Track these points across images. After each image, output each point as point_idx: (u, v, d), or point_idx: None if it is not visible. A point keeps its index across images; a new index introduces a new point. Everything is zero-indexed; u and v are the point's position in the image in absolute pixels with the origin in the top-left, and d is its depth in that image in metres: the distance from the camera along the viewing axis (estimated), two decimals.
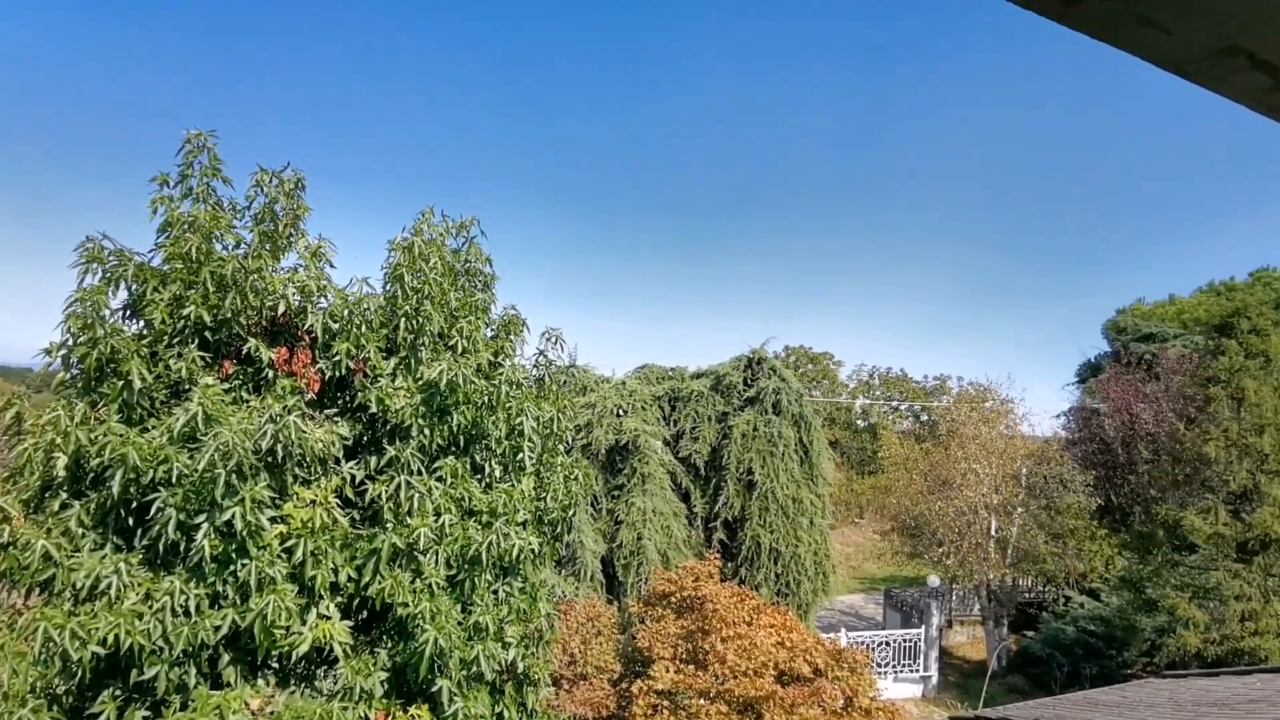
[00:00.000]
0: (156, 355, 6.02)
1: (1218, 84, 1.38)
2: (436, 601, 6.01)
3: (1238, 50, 1.26)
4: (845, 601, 27.27)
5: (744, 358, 17.49)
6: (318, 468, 6.12)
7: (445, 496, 6.40)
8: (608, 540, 15.22)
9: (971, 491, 20.21)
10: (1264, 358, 16.26)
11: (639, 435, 15.52)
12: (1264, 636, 14.44)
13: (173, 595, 5.05)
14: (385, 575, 5.91)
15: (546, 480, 7.58)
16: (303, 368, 6.31)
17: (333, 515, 5.81)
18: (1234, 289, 36.53)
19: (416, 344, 6.86)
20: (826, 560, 16.77)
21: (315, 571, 5.62)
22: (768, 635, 9.25)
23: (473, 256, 7.84)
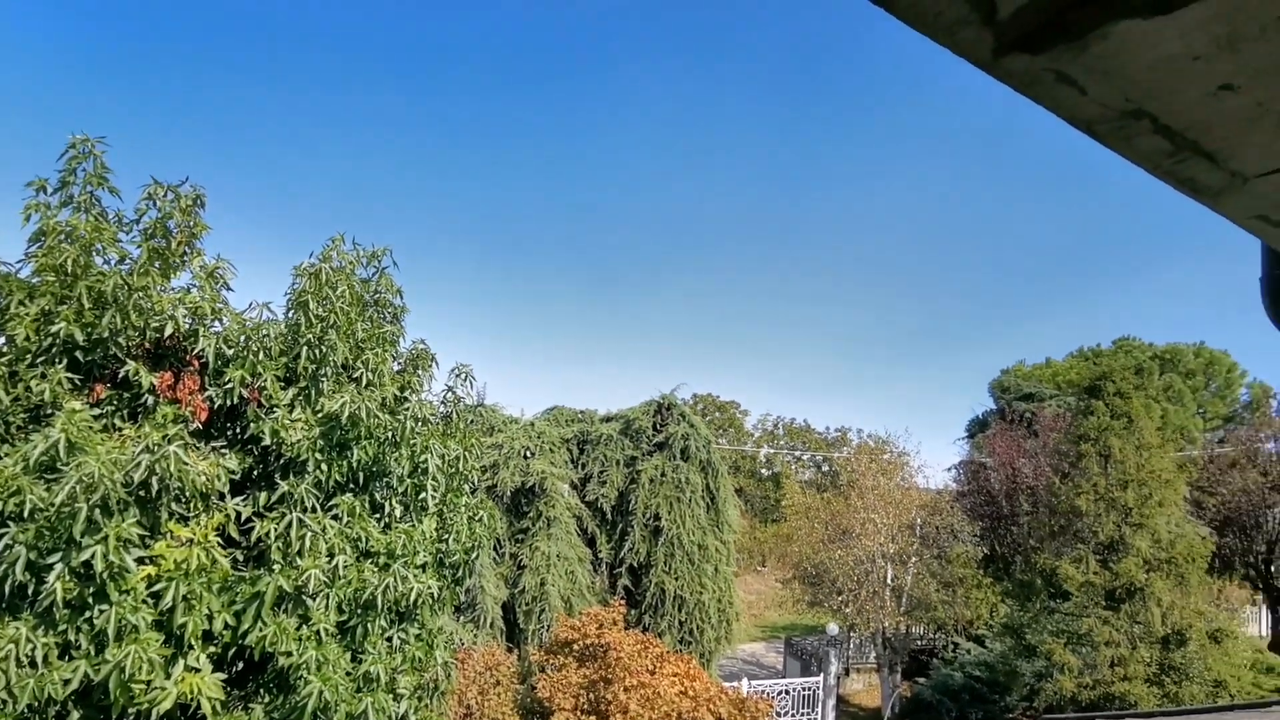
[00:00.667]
0: (16, 375, 5.46)
1: (1123, 146, 1.46)
2: (324, 650, 5.61)
3: (1142, 114, 1.33)
4: (747, 650, 27.31)
5: (654, 403, 17.56)
6: (199, 503, 5.65)
7: (340, 536, 6.03)
8: (510, 586, 14.74)
9: (870, 540, 20.79)
10: (1127, 418, 17.64)
11: (546, 478, 15.23)
12: (1133, 682, 15.33)
13: (17, 644, 4.48)
14: (268, 621, 5.46)
15: (449, 521, 7.28)
16: (189, 394, 5.86)
17: (212, 555, 5.36)
18: (1100, 355, 39.85)
19: (318, 374, 6.52)
20: (730, 608, 16.78)
21: (186, 618, 5.14)
22: (671, 684, 9.10)
23: (383, 287, 7.59)
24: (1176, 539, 16.66)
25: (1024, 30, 1.09)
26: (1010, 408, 32.26)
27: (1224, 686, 15.15)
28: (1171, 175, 1.56)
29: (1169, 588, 16.06)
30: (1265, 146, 1.42)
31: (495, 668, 10.92)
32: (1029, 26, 1.08)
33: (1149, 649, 15.67)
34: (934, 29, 1.08)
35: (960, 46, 1.11)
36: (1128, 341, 41.45)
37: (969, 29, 1.07)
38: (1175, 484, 17.62)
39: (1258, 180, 1.56)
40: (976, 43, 1.10)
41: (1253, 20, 1.07)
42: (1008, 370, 40.39)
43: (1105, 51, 1.13)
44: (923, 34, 1.08)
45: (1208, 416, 36.71)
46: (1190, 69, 1.17)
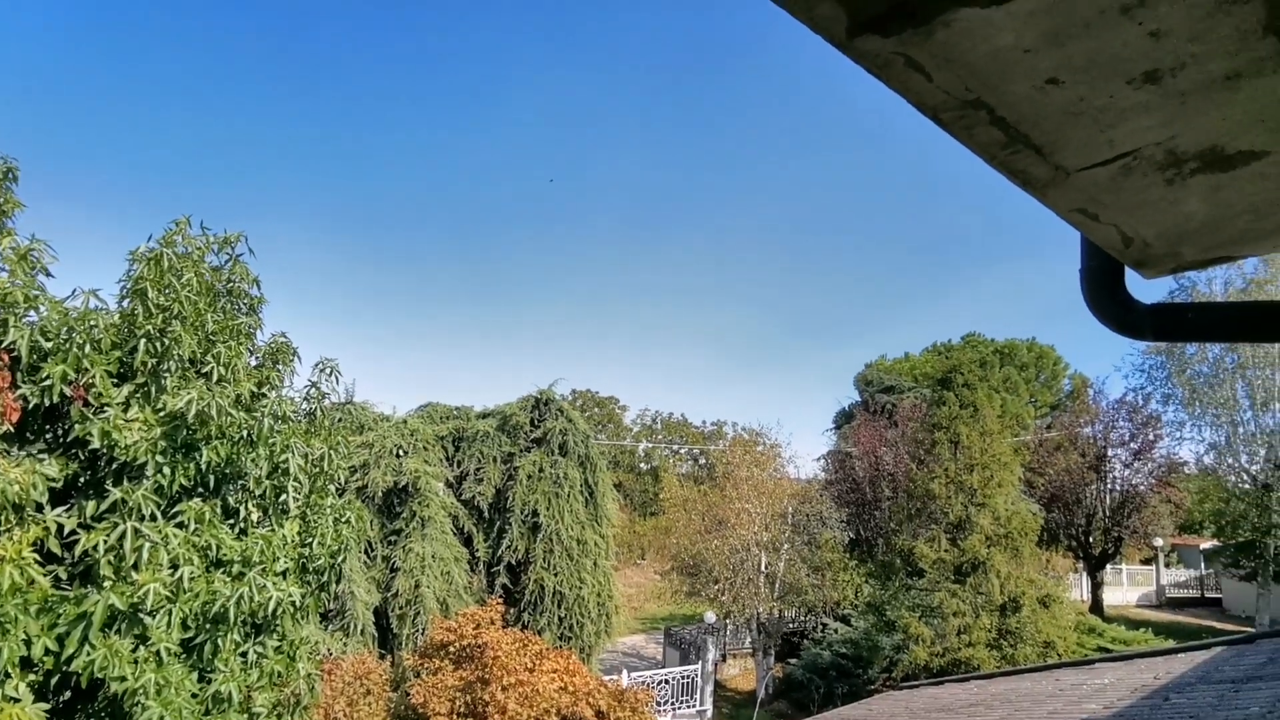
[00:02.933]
0: None
1: (964, 135, 1.54)
2: (165, 671, 5.13)
3: (981, 104, 1.40)
4: (627, 642, 27.59)
5: (531, 398, 17.35)
6: (10, 516, 5.02)
7: (186, 545, 5.53)
8: (382, 590, 14.13)
9: (745, 530, 21.51)
10: (973, 407, 19.22)
11: (420, 477, 14.72)
12: (976, 647, 16.73)
13: None
14: (97, 644, 4.93)
15: (313, 524, 6.85)
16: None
17: (28, 574, 4.77)
18: (951, 349, 43.21)
19: (160, 370, 5.94)
20: (610, 601, 16.87)
21: (0, 644, 4.55)
22: (551, 681, 9.02)
23: (237, 276, 7.03)
24: (1013, 516, 18.32)
25: (875, 12, 1.11)
26: (873, 400, 34.33)
27: (1053, 647, 16.82)
28: (1006, 167, 1.65)
29: (1006, 560, 17.64)
30: (1085, 141, 1.53)
31: (366, 676, 10.42)
32: (879, 8, 1.11)
33: (989, 616, 17.14)
34: (791, 3, 1.08)
35: (816, 23, 1.12)
36: (974, 337, 45.19)
37: (824, 5, 1.09)
38: (1012, 466, 19.37)
39: (1078, 174, 1.69)
40: (832, 20, 1.12)
41: (1076, 16, 1.15)
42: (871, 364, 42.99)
43: (949, 39, 1.18)
44: (780, 6, 1.09)
45: (1038, 405, 40.64)
46: (1021, 61, 1.25)
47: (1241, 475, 24.90)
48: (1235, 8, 1.15)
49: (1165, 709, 4.80)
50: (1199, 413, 25.45)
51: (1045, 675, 8.74)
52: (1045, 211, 2.02)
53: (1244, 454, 24.63)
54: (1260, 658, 5.93)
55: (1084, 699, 6.02)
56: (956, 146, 1.65)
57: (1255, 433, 24.15)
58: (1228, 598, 31.53)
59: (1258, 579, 24.94)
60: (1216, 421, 25.06)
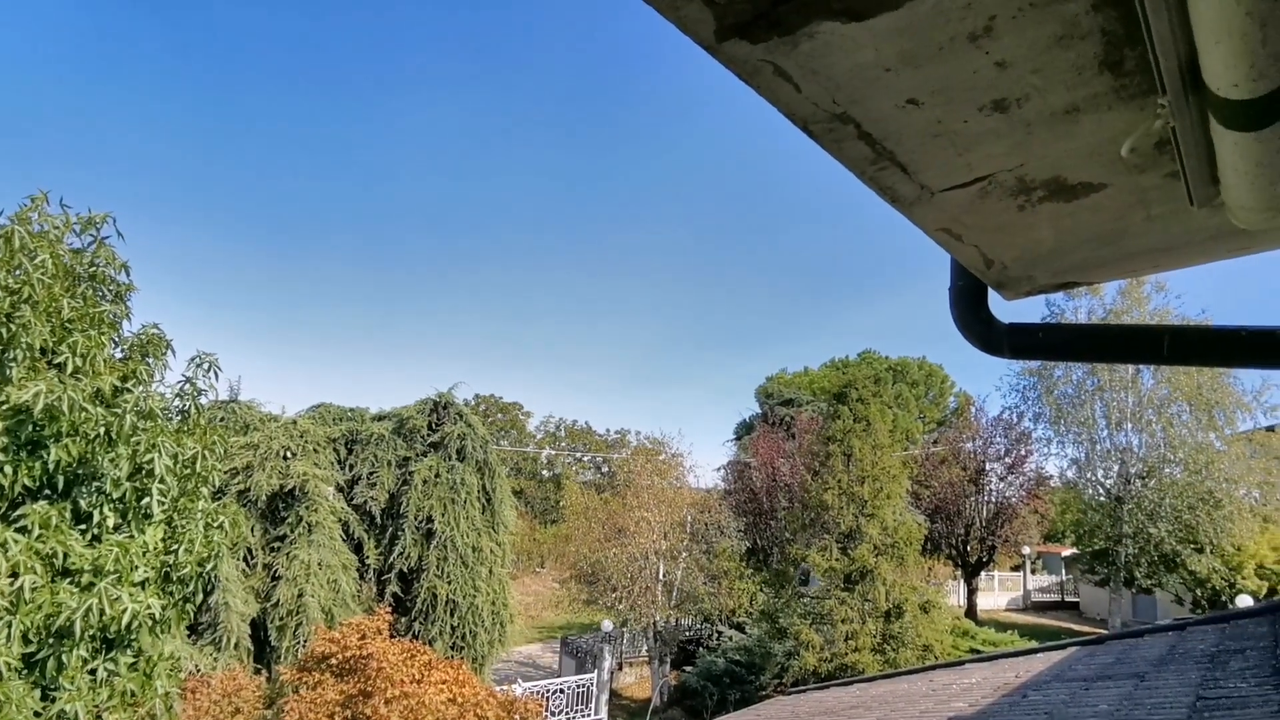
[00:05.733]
0: None
1: (834, 148, 1.57)
2: (4, 688, 4.66)
3: (848, 118, 1.44)
4: (523, 651, 27.16)
5: (430, 401, 16.87)
6: None
7: (29, 551, 5.05)
8: (261, 599, 13.34)
9: (644, 538, 21.62)
10: (866, 422, 20.06)
11: (308, 480, 14.02)
12: (862, 652, 17.40)
13: None
14: None
15: (181, 529, 6.39)
16: None
17: None
18: (848, 365, 45.06)
19: (4, 358, 5.42)
20: (505, 610, 16.54)
21: None
22: (438, 692, 8.73)
23: (102, 260, 6.52)
24: (899, 526, 19.20)
25: (740, 18, 1.12)
26: (773, 412, 35.34)
27: (930, 650, 17.71)
28: (875, 183, 1.71)
29: (892, 568, 18.45)
30: (945, 163, 1.60)
31: (236, 693, 9.78)
32: (745, 15, 1.12)
33: (875, 622, 17.88)
34: (660, 2, 1.08)
35: (684, 24, 1.12)
36: (870, 354, 47.31)
37: (691, 6, 1.09)
38: (900, 479, 20.31)
39: (941, 195, 1.76)
40: (699, 22, 1.12)
41: (929, 40, 1.19)
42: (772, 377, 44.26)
43: (814, 51, 1.21)
44: (651, 5, 1.08)
45: (926, 420, 42.94)
46: (882, 79, 1.29)
47: (1098, 489, 27.07)
48: (1074, 43, 1.22)
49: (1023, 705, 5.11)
50: (1063, 430, 27.50)
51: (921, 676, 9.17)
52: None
53: (1100, 469, 26.80)
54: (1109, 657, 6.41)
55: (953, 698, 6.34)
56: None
57: (1110, 449, 26.32)
58: (1084, 601, 34.15)
59: (1110, 584, 27.15)
60: (1078, 439, 27.15)
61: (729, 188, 79.63)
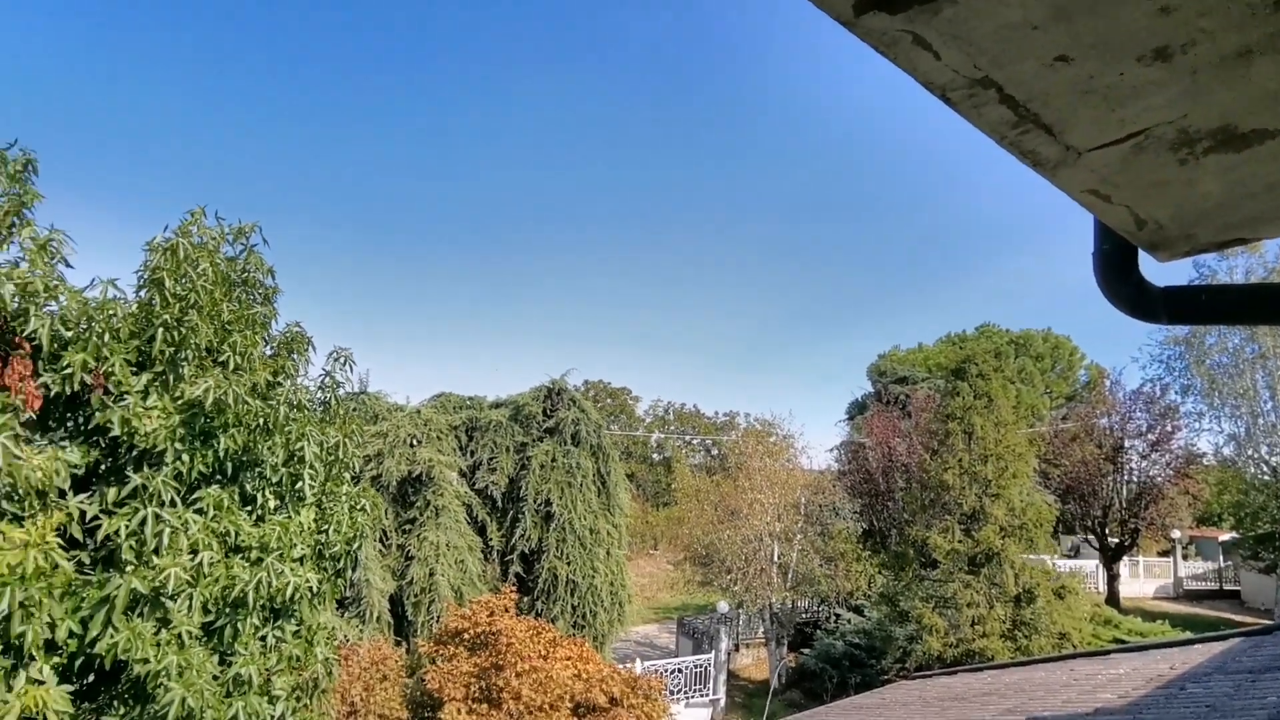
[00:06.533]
0: None
1: (973, 114, 1.52)
2: (187, 654, 5.22)
3: (990, 82, 1.39)
4: (640, 632, 27.71)
5: (544, 388, 17.42)
6: (35, 501, 5.11)
7: (206, 531, 5.62)
8: (397, 578, 14.27)
9: (757, 520, 21.52)
10: (987, 398, 19.09)
11: (434, 466, 14.82)
12: (990, 638, 16.69)
13: None
14: (120, 627, 5.03)
15: (329, 511, 6.93)
16: (18, 381, 5.26)
17: (52, 558, 4.86)
18: (965, 340, 42.94)
19: (177, 358, 6.02)
20: (622, 590, 16.95)
21: (25, 627, 4.64)
22: (564, 668, 9.09)
23: (252, 266, 7.08)
24: (1027, 506, 18.22)
25: None
26: (886, 390, 34.23)
27: (1068, 638, 16.75)
28: (1016, 147, 1.64)
29: (1020, 551, 17.55)
30: (1096, 120, 1.52)
31: (382, 662, 10.55)
32: None
33: (1004, 607, 17.09)
34: None
35: (823, 1, 1.12)
36: (988, 328, 44.85)
37: None
38: (1027, 457, 19.24)
39: (1090, 154, 1.67)
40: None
41: None
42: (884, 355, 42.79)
43: (956, 15, 1.18)
44: None
45: (1053, 395, 40.32)
46: (1030, 38, 1.24)
47: (1261, 467, 24.62)
48: None
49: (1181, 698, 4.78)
50: (1218, 403, 25.18)
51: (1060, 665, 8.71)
52: (1060, 197, 2.01)
53: (1264, 445, 24.35)
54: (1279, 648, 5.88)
55: (1098, 688, 6.00)
56: (970, 130, 1.64)
57: (1276, 423, 23.86)
58: (1247, 590, 31.23)
59: (1277, 571, 24.70)
60: (1236, 412, 24.78)
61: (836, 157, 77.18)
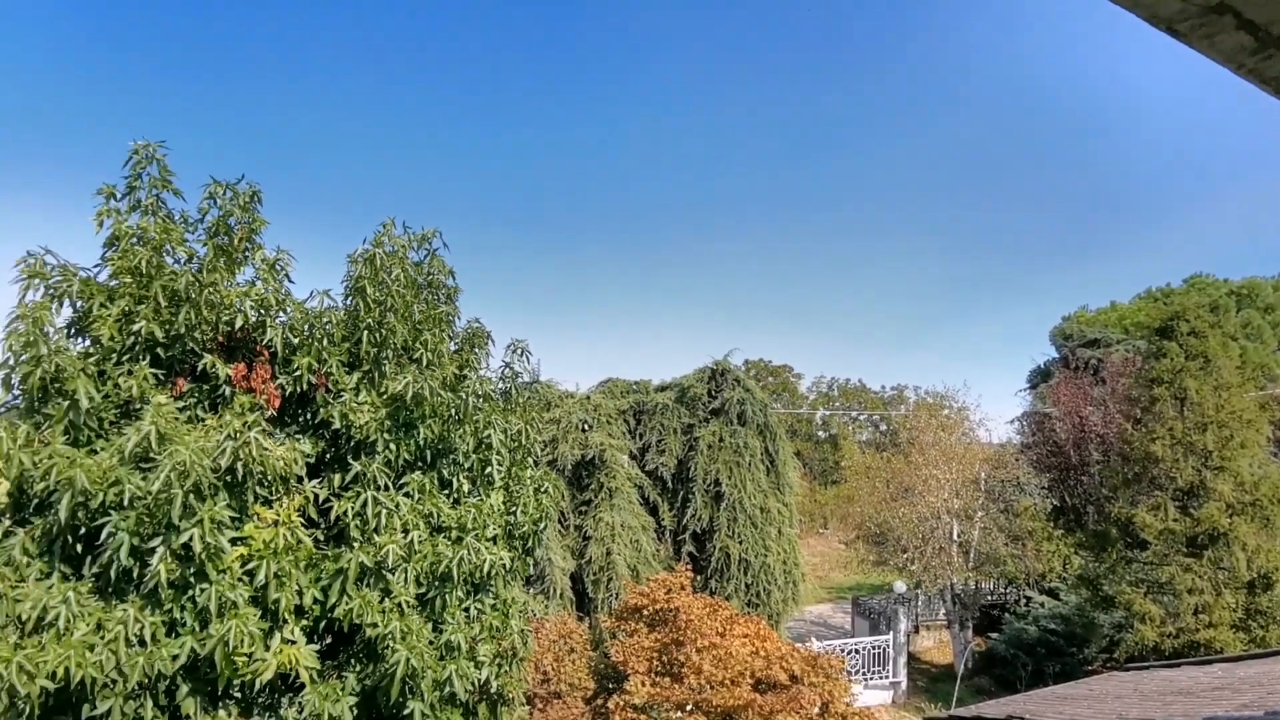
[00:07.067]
0: (105, 374, 5.77)
1: (1205, 44, 1.40)
2: (407, 620, 5.84)
3: (1225, 8, 1.27)
4: (814, 611, 27.36)
5: (708, 369, 17.54)
6: (279, 486, 5.91)
7: (413, 512, 6.24)
8: (576, 557, 15.04)
9: (933, 497, 20.50)
10: (1203, 358, 16.88)
11: (605, 449, 15.41)
12: (1218, 629, 14.86)
13: (126, 624, 4.79)
14: (353, 595, 5.72)
15: (516, 494, 7.45)
16: (262, 383, 6.10)
17: (296, 535, 5.61)
18: (1171, 294, 38.11)
19: (380, 357, 6.70)
20: (796, 569, 16.81)
21: (279, 594, 5.41)
22: (742, 645, 9.19)
23: (435, 269, 7.71)
24: (1261, 481, 15.98)
25: None
26: (1074, 355, 31.21)
27: None
28: (1256, 74, 1.49)
29: (1254, 531, 15.45)
30: None
31: (568, 635, 11.20)
32: None
33: (1234, 594, 15.16)
34: None
35: None
36: (1200, 279, 39.52)
37: None
38: (1258, 424, 16.84)
39: None
40: None
41: None
42: (1069, 317, 38.96)
43: None
44: None
45: None
46: None
47: None
48: None
49: None
50: None
51: None
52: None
53: None
54: None
55: None
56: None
57: None
58: None
59: None
60: None
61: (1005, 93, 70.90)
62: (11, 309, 5.46)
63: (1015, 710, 7.82)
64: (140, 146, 6.31)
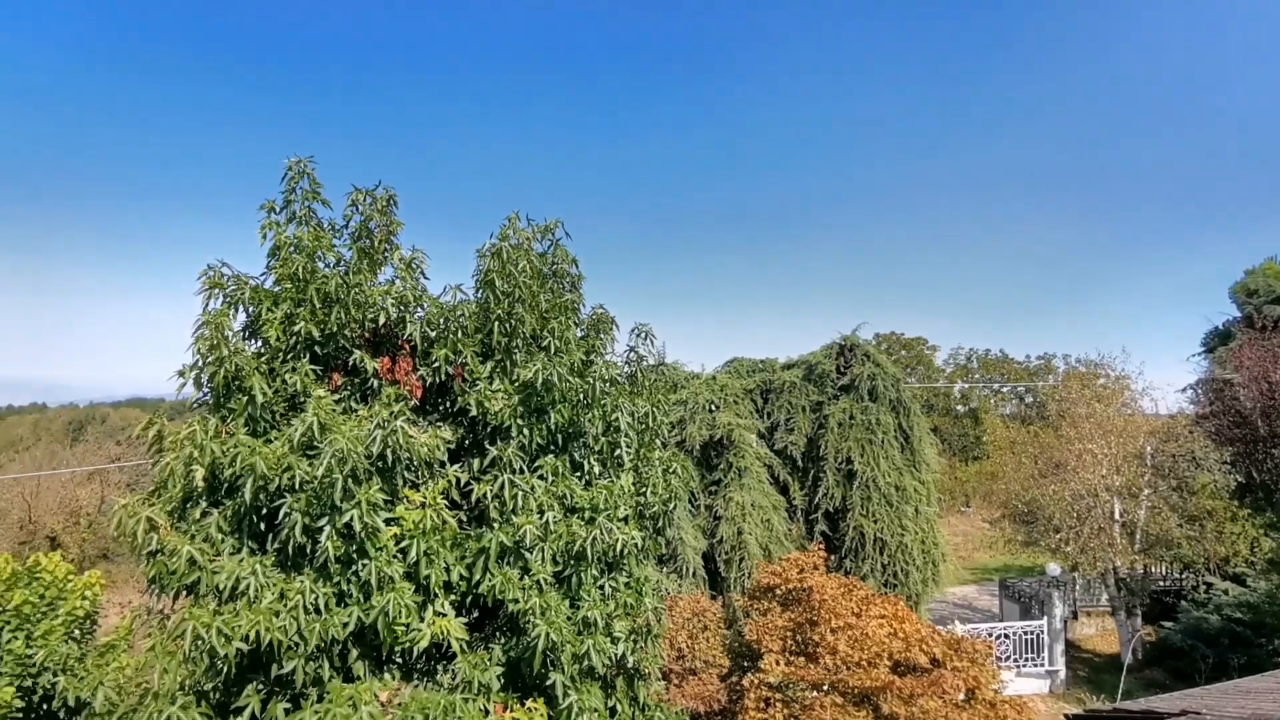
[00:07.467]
0: (274, 371, 6.39)
1: None
2: (545, 597, 6.12)
3: None
4: (957, 593, 26.15)
5: (835, 345, 17.08)
6: (424, 471, 6.35)
7: (547, 494, 6.51)
8: (707, 536, 15.15)
9: (1088, 473, 18.98)
10: None
11: (733, 429, 15.38)
12: None
13: (304, 594, 5.34)
14: (495, 573, 6.06)
15: (645, 475, 7.60)
16: (405, 375, 6.56)
17: (442, 516, 6.01)
18: None
19: (510, 346, 7.01)
20: (935, 549, 16.14)
21: (429, 570, 5.83)
22: (879, 626, 8.96)
23: (559, 258, 7.95)
24: None
25: None
26: (1259, 313, 27.82)
27: None
28: None
29: None
30: None
31: (701, 614, 11.34)
32: None
33: None
34: None
35: None
36: None
37: None
38: None
39: None
40: None
41: None
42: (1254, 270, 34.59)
43: None
44: None
45: None
46: None
47: None
48: None
49: None
50: None
51: None
52: None
53: None
54: None
55: None
56: None
57: None
58: None
59: None
60: None
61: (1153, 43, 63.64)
62: (197, 317, 6.17)
63: (1191, 705, 7.17)
64: (294, 163, 6.91)
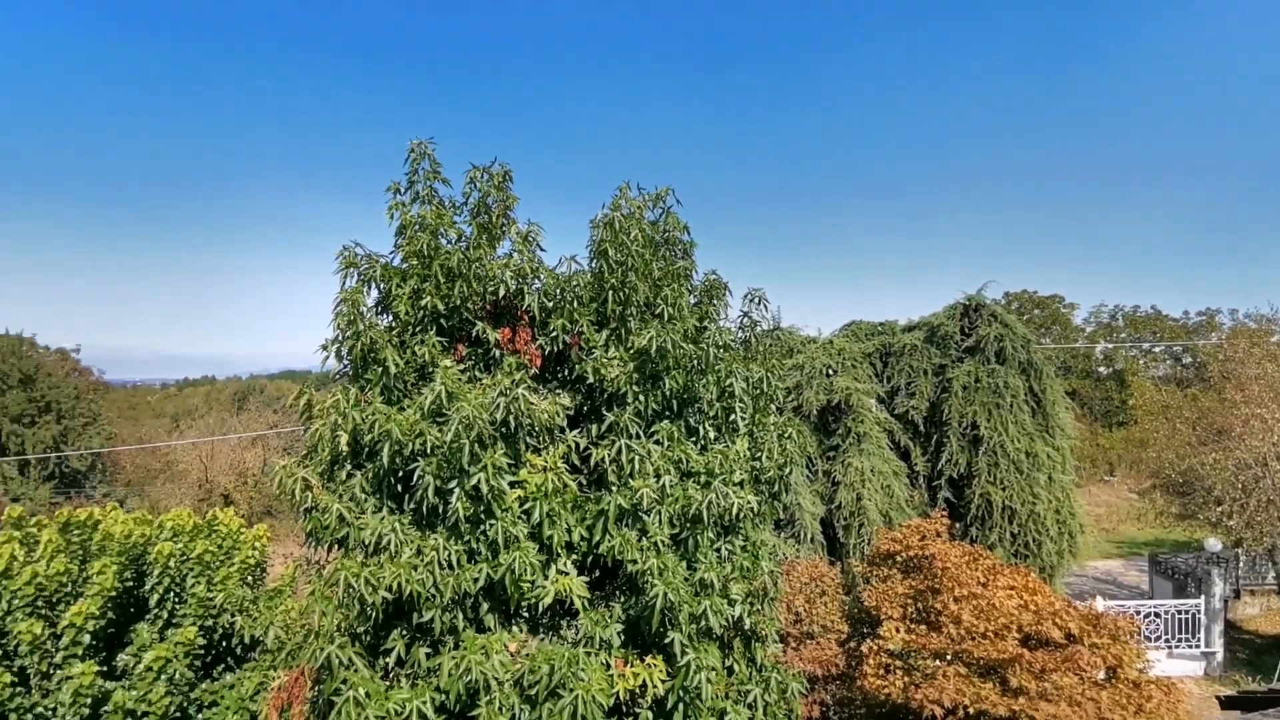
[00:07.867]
0: (404, 343, 6.81)
1: None
2: (663, 559, 6.27)
3: None
4: (1100, 567, 24.56)
5: (959, 305, 16.22)
6: (545, 436, 6.61)
7: (663, 459, 6.63)
8: (826, 502, 14.94)
9: (1258, 441, 17.21)
10: None
11: (851, 394, 15.01)
12: None
13: (438, 550, 5.74)
14: (614, 534, 6.26)
15: (760, 440, 7.58)
16: (524, 345, 6.83)
17: (562, 479, 6.26)
18: None
19: (625, 314, 7.13)
20: (1071, 519, 15.21)
21: (552, 531, 6.10)
22: (1007, 597, 8.59)
23: (670, 226, 7.95)
24: None
25: None
26: None
27: None
28: None
29: None
30: None
31: (820, 579, 11.26)
32: None
33: None
34: None
35: None
36: None
37: None
38: None
39: None
40: None
41: None
42: None
43: None
44: None
45: None
46: None
47: None
48: None
49: None
50: None
51: None
52: None
53: None
54: None
55: None
56: None
57: None
58: None
59: None
60: None
61: None
62: (336, 294, 6.65)
63: None
64: (416, 145, 7.25)
